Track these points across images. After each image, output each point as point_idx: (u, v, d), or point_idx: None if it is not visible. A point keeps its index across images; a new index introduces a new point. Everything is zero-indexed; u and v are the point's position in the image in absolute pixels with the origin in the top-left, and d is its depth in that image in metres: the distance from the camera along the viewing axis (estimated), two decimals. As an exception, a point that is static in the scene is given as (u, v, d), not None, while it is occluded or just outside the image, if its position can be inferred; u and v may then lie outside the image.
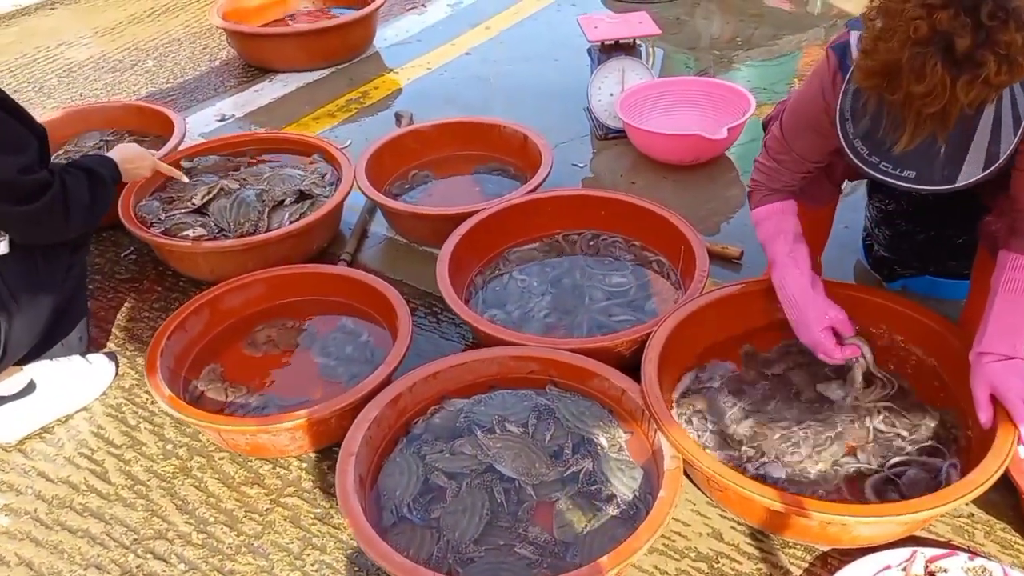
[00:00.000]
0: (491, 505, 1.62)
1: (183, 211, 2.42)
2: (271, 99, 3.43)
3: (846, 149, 1.41)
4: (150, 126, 2.88)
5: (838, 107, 1.43)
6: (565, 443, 1.72)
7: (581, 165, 2.83)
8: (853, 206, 2.38)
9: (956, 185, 1.35)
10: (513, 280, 2.21)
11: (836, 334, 1.73)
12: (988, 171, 1.33)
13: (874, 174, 1.39)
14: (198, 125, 3.22)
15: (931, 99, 1.24)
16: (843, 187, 1.97)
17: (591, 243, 2.30)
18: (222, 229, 2.37)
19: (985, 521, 1.63)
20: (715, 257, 2.25)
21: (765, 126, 1.95)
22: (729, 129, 2.59)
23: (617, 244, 2.29)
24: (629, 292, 2.14)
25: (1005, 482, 1.52)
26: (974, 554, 1.51)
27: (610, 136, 2.92)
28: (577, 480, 1.66)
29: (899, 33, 1.24)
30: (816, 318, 1.71)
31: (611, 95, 2.86)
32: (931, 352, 1.82)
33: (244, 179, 2.54)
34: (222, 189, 2.48)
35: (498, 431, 1.74)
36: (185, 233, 2.33)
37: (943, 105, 1.24)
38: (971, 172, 1.34)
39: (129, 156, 2.11)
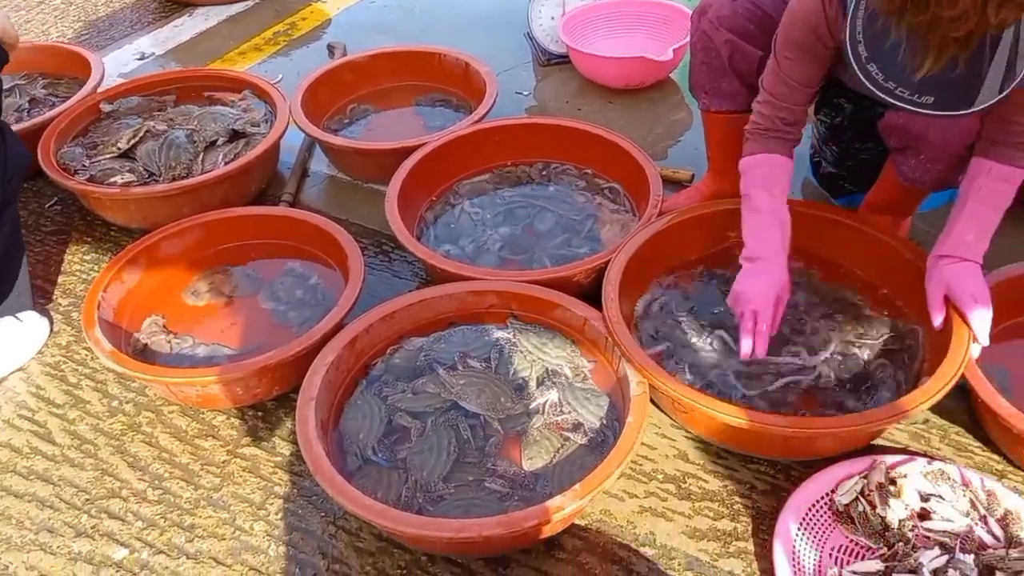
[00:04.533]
0: (458, 442, 1.60)
1: (109, 156, 2.29)
2: (192, 34, 3.25)
3: (859, 75, 1.35)
4: (65, 67, 2.70)
5: (847, 29, 1.36)
6: (529, 376, 1.70)
7: (525, 93, 2.76)
8: (800, 124, 2.37)
9: (974, 109, 1.32)
10: (465, 213, 2.15)
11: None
12: (1004, 92, 1.31)
13: (889, 100, 1.35)
14: (116, 65, 3.04)
15: (960, 22, 1.18)
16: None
17: (543, 172, 2.25)
18: (152, 174, 2.25)
19: (940, 426, 1.68)
20: (666, 182, 2.22)
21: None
22: (674, 50, 2.54)
23: (568, 172, 2.24)
24: (584, 220, 2.11)
25: (958, 386, 1.55)
26: (931, 458, 1.55)
27: (553, 62, 2.85)
28: (543, 411, 1.64)
29: None
30: (764, 290, 1.59)
31: (552, 19, 2.78)
32: (880, 264, 1.83)
33: (172, 120, 2.41)
34: (149, 131, 2.35)
35: (460, 368, 1.71)
36: (113, 180, 2.21)
37: (971, 28, 1.19)
38: (988, 95, 1.31)
39: None
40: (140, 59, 3.10)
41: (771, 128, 1.67)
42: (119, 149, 2.29)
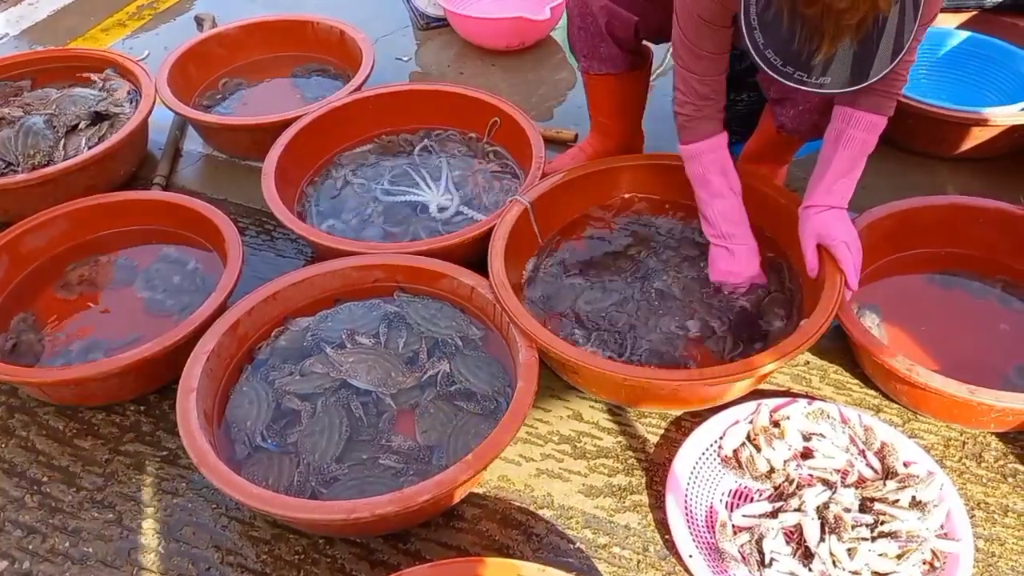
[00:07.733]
0: (350, 421, 1.57)
1: (-42, 149, 2.14)
2: (50, 12, 3.06)
3: (757, 60, 1.34)
4: (-96, 52, 2.50)
5: (743, 16, 1.33)
6: (419, 348, 1.68)
7: (406, 59, 2.70)
8: (679, 79, 2.38)
9: (869, 81, 1.33)
10: (349, 186, 2.10)
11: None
12: (895, 61, 1.32)
13: (789, 83, 1.34)
14: (-35, 47, 2.83)
15: (852, 12, 1.20)
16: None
17: (425, 140, 2.21)
18: (10, 164, 2.13)
19: (820, 367, 1.74)
20: (550, 142, 2.22)
21: None
22: (552, 9, 2.52)
23: (452, 138, 2.21)
24: (470, 186, 2.08)
25: (835, 327, 1.60)
26: (812, 398, 1.60)
27: (432, 25, 2.79)
28: (436, 383, 1.63)
29: None
30: (750, 256, 1.74)
31: (428, -19, 2.72)
32: (761, 213, 1.87)
33: (28, 105, 2.28)
34: (4, 118, 2.22)
35: (349, 345, 1.68)
36: (-35, 173, 2.07)
37: (863, 15, 1.21)
38: (880, 67, 1.32)
39: None
40: (-8, 40, 2.90)
41: (698, 110, 1.66)
42: (-30, 140, 2.15)
